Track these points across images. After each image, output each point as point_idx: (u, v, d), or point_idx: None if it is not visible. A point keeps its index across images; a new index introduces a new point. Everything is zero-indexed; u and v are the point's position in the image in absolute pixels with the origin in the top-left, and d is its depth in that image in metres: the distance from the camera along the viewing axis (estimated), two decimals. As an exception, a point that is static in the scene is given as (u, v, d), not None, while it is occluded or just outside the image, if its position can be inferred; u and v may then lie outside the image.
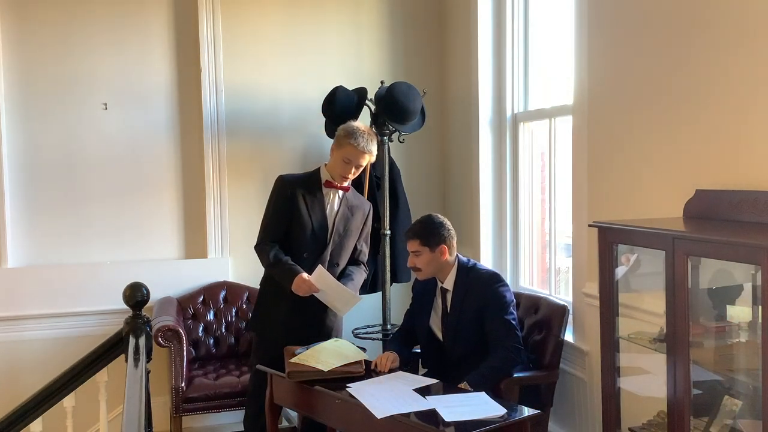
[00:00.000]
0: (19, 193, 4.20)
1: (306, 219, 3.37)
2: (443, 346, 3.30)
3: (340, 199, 3.46)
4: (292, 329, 3.38)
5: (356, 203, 3.54)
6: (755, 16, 2.41)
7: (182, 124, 4.43)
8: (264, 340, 3.46)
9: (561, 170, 3.82)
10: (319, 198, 3.41)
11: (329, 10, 4.61)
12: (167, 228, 4.44)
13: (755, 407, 2.16)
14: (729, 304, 2.34)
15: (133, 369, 2.73)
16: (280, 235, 3.39)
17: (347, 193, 3.49)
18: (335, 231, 3.42)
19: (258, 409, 3.42)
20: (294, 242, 3.39)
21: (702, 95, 2.66)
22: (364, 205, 3.60)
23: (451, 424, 2.59)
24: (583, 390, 3.45)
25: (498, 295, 3.19)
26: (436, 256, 3.22)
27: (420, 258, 3.23)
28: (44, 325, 4.19)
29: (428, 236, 3.22)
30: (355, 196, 3.57)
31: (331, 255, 3.42)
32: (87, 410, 3.66)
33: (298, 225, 3.37)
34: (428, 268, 3.25)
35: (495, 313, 3.16)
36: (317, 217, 3.39)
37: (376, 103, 4.15)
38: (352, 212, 3.49)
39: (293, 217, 3.37)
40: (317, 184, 3.43)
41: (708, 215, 2.53)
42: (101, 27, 4.27)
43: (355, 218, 3.50)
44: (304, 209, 3.37)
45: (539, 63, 4.13)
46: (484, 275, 3.26)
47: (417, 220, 3.33)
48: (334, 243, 3.42)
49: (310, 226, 3.37)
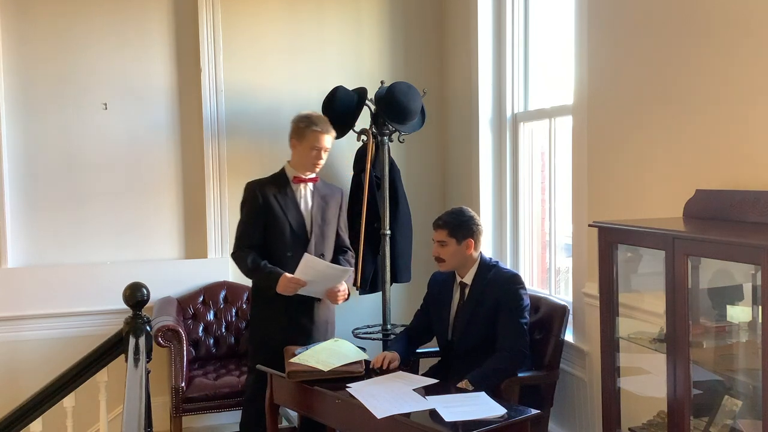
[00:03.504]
0: (19, 193, 4.20)
1: (282, 219, 3.38)
2: (451, 339, 3.30)
3: (312, 192, 3.48)
4: (287, 328, 3.38)
5: (328, 192, 3.55)
6: (755, 16, 2.41)
7: (182, 124, 4.43)
8: (263, 344, 3.44)
9: (561, 170, 3.82)
10: (291, 196, 3.43)
11: (329, 11, 4.61)
12: (167, 228, 4.44)
13: (755, 407, 2.16)
14: (729, 304, 2.34)
15: (133, 369, 2.73)
16: (256, 240, 3.40)
17: (317, 184, 3.50)
18: (314, 223, 3.44)
19: (255, 414, 3.43)
20: (275, 244, 3.40)
21: (702, 95, 2.66)
22: (336, 191, 3.61)
23: (451, 424, 2.59)
24: (583, 390, 3.45)
25: (517, 296, 3.19)
26: (462, 249, 3.22)
27: (445, 249, 3.23)
28: (44, 325, 4.19)
29: (457, 228, 3.22)
30: (325, 186, 3.57)
31: (314, 248, 3.43)
32: (87, 410, 3.66)
33: (277, 227, 3.38)
34: (452, 260, 3.25)
35: (510, 314, 3.16)
36: (293, 215, 3.40)
37: (376, 103, 4.15)
38: (326, 201, 3.51)
39: (269, 220, 3.38)
40: (286, 183, 3.45)
41: (708, 215, 2.53)
42: (101, 27, 4.27)
43: (330, 206, 3.51)
44: (279, 210, 3.38)
45: (539, 63, 4.13)
46: (506, 274, 3.27)
47: (448, 210, 3.32)
48: (315, 235, 3.43)
49: (288, 225, 3.39)
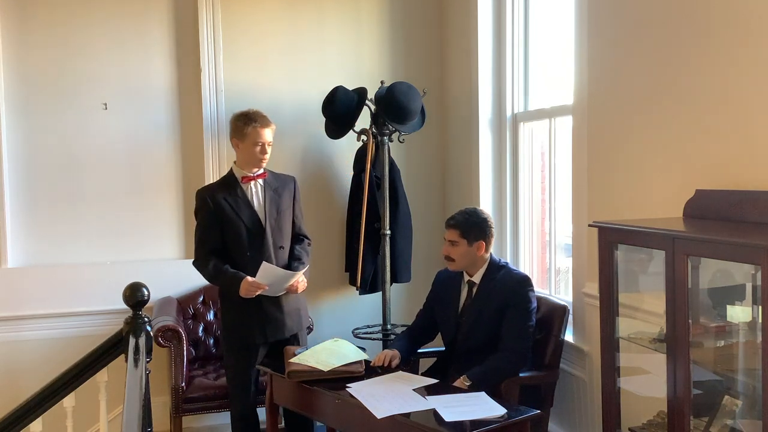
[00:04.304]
0: (19, 193, 4.20)
1: (236, 220, 3.39)
2: (455, 337, 3.30)
3: (263, 187, 3.49)
4: (258, 321, 3.39)
5: (279, 184, 3.55)
6: (755, 16, 2.41)
7: (182, 124, 4.43)
8: (237, 341, 3.45)
9: (561, 170, 3.82)
10: (241, 196, 3.43)
11: (329, 11, 4.61)
12: (167, 228, 4.44)
13: (755, 407, 2.16)
14: (729, 304, 2.34)
15: (133, 369, 2.73)
16: (215, 245, 3.42)
17: (266, 179, 3.51)
18: (268, 217, 3.44)
19: (242, 409, 3.47)
20: (234, 246, 3.41)
21: (702, 95, 2.66)
22: (288, 181, 3.61)
23: (451, 424, 2.59)
24: (583, 390, 3.45)
25: (525, 299, 3.19)
26: (473, 250, 3.22)
27: (456, 249, 3.23)
28: (44, 325, 4.19)
29: (469, 229, 3.22)
30: (275, 178, 3.57)
31: (273, 240, 3.44)
32: (87, 410, 3.66)
33: (232, 229, 3.39)
34: (462, 260, 3.25)
35: (516, 316, 3.16)
36: (246, 214, 3.41)
37: (376, 103, 4.15)
38: (279, 193, 3.51)
39: (224, 223, 3.40)
40: (235, 184, 3.46)
41: (708, 215, 2.53)
42: (101, 27, 4.27)
43: (283, 197, 3.52)
44: (231, 212, 3.39)
45: (539, 63, 4.12)
46: (516, 276, 3.27)
47: (461, 210, 3.32)
48: (271, 227, 3.43)
49: (243, 225, 3.39)
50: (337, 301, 4.61)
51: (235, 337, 3.45)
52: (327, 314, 4.57)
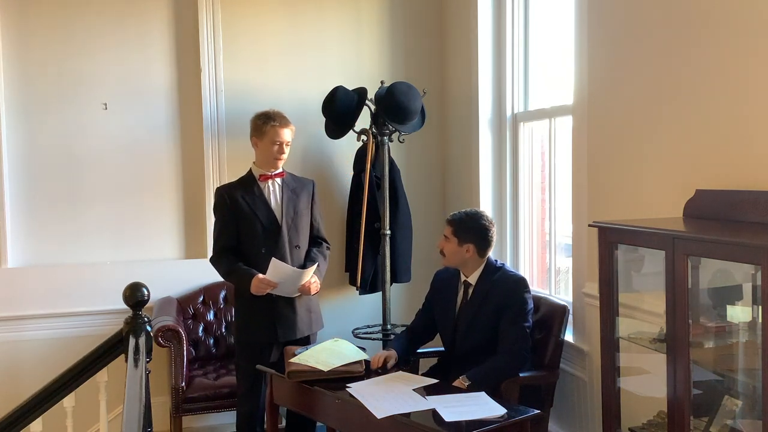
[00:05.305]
0: (19, 193, 4.20)
1: (252, 218, 3.41)
2: (453, 338, 3.31)
3: (281, 186, 3.51)
4: (271, 320, 3.40)
5: (297, 185, 3.57)
6: (755, 16, 2.41)
7: (182, 124, 4.43)
8: (249, 340, 3.46)
9: (561, 170, 3.82)
10: (258, 194, 3.46)
11: (329, 10, 4.61)
12: (167, 228, 4.44)
13: (755, 407, 2.16)
14: (729, 304, 2.34)
15: (133, 369, 2.73)
16: (230, 242, 3.44)
17: (285, 179, 3.53)
18: (285, 216, 3.46)
19: (250, 408, 3.47)
20: (248, 243, 3.43)
21: (702, 95, 2.66)
22: (307, 183, 3.63)
23: (451, 424, 2.59)
24: (583, 390, 3.45)
25: (521, 300, 3.20)
26: (461, 251, 3.23)
27: (447, 245, 3.27)
28: (44, 325, 4.19)
29: (462, 230, 3.23)
30: (294, 179, 3.59)
31: (288, 239, 3.45)
32: (87, 410, 3.65)
33: (248, 226, 3.41)
34: (451, 257, 3.28)
35: (513, 317, 3.16)
36: (263, 212, 3.43)
37: (376, 103, 4.15)
38: (297, 193, 3.53)
39: (240, 221, 3.42)
40: (253, 183, 3.48)
41: (708, 215, 2.53)
42: (101, 27, 4.26)
43: (301, 199, 3.53)
44: (248, 209, 3.42)
45: (539, 63, 4.12)
46: (512, 277, 3.27)
47: (466, 210, 3.34)
48: (287, 226, 3.45)
49: (259, 223, 3.41)
50: (337, 301, 4.61)
51: (247, 336, 3.46)
52: (327, 314, 4.51)
